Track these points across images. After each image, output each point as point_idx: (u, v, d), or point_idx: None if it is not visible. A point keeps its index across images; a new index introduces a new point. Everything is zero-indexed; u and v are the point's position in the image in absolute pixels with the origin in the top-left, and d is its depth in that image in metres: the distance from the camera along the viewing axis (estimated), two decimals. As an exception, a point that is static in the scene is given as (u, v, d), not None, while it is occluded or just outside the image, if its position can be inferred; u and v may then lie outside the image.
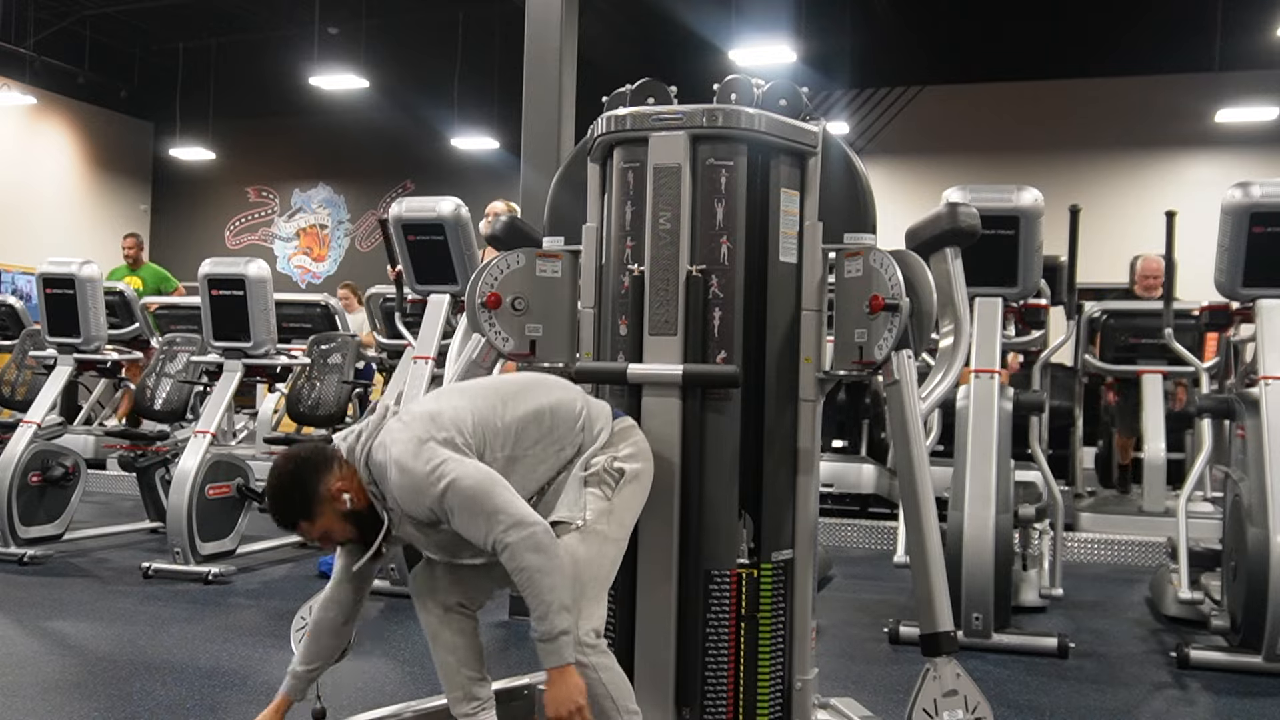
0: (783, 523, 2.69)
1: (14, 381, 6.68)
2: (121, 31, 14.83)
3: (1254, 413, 4.10)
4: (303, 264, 16.40)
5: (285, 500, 2.39)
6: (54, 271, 5.89)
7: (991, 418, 4.29)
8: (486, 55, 12.81)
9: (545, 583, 2.23)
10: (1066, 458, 6.65)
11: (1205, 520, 5.34)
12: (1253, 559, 3.87)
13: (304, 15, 13.12)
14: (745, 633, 2.60)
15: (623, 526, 2.43)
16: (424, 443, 2.31)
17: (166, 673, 3.66)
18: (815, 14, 11.55)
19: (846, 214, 2.73)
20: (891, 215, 3.41)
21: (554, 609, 2.22)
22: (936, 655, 2.57)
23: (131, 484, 6.63)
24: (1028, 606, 4.82)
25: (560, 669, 2.23)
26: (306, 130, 15.94)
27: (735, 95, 2.76)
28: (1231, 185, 4.21)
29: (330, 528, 2.41)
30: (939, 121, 13.43)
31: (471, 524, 2.27)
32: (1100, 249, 9.31)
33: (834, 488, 6.67)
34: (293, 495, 2.38)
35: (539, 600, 2.23)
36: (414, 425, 2.36)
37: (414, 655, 3.97)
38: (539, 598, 2.23)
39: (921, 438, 2.65)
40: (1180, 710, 3.60)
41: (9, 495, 5.48)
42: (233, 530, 5.52)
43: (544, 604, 2.22)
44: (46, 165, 15.21)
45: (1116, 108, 12.79)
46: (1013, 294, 4.53)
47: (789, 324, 2.69)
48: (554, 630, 2.22)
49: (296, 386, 6.00)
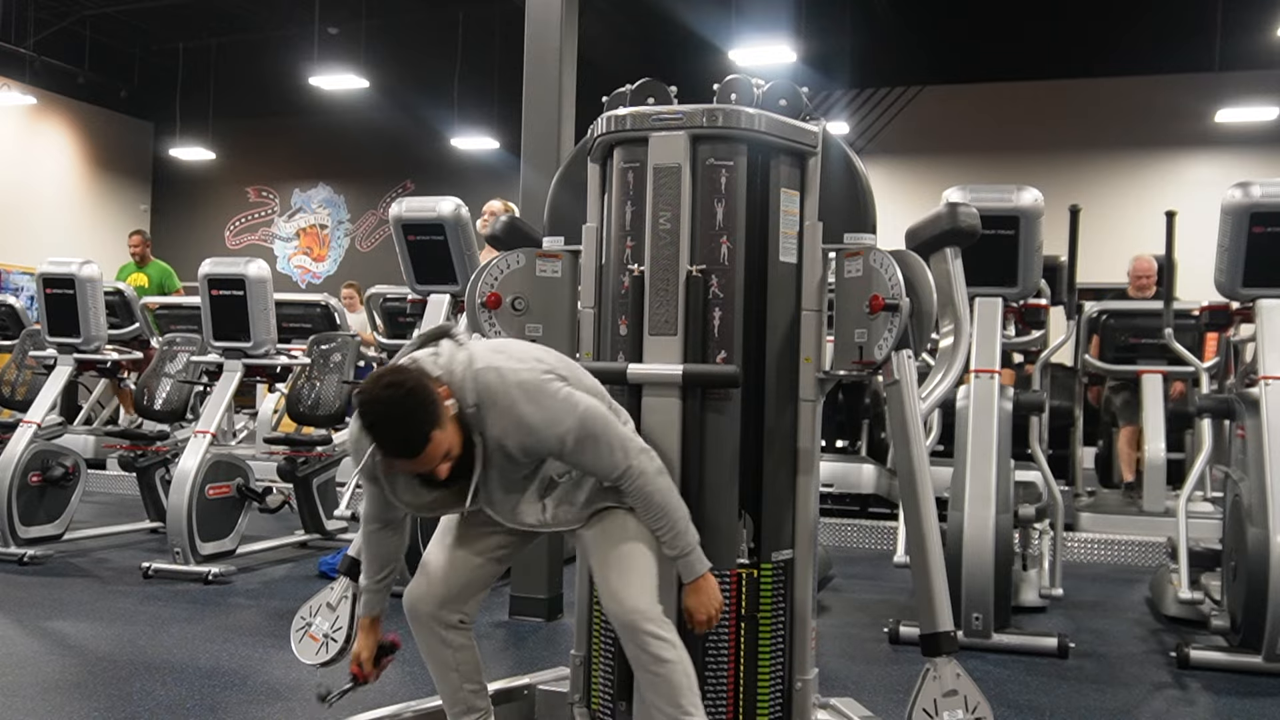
0: (783, 523, 2.69)
1: (14, 381, 6.67)
2: (121, 31, 14.83)
3: (1254, 413, 4.10)
4: (303, 264, 16.40)
5: (418, 411, 2.15)
6: (54, 271, 5.89)
7: (991, 418, 4.29)
8: (486, 55, 12.81)
9: (674, 502, 2.36)
10: (1066, 458, 6.65)
11: (1205, 520, 5.34)
12: (1253, 559, 3.87)
13: (304, 15, 13.13)
14: (745, 633, 2.61)
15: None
16: (546, 373, 2.31)
17: (166, 673, 3.66)
18: (815, 14, 11.56)
19: (846, 214, 2.73)
20: (891, 215, 3.41)
21: (685, 526, 2.37)
22: (936, 655, 2.57)
23: (131, 484, 6.63)
24: (1028, 606, 4.82)
25: (699, 579, 2.39)
26: (306, 130, 15.94)
27: (735, 95, 2.76)
28: (1231, 185, 4.21)
29: (453, 442, 2.23)
30: (939, 121, 13.43)
31: (600, 452, 2.31)
32: (1100, 249, 9.32)
33: (834, 488, 6.67)
34: (423, 405, 2.16)
35: (671, 521, 2.36)
36: (523, 357, 2.34)
37: (414, 655, 3.95)
38: (670, 517, 2.36)
39: (921, 438, 2.65)
40: (1180, 710, 3.60)
41: (9, 495, 5.48)
42: (233, 530, 5.52)
43: (677, 521, 2.36)
44: (46, 165, 15.21)
45: (1117, 108, 12.80)
46: (1013, 294, 4.53)
47: (789, 324, 2.69)
48: (691, 545, 2.38)
49: (296, 386, 6.00)
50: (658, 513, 2.35)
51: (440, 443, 2.19)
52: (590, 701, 2.79)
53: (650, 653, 2.27)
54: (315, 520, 6.05)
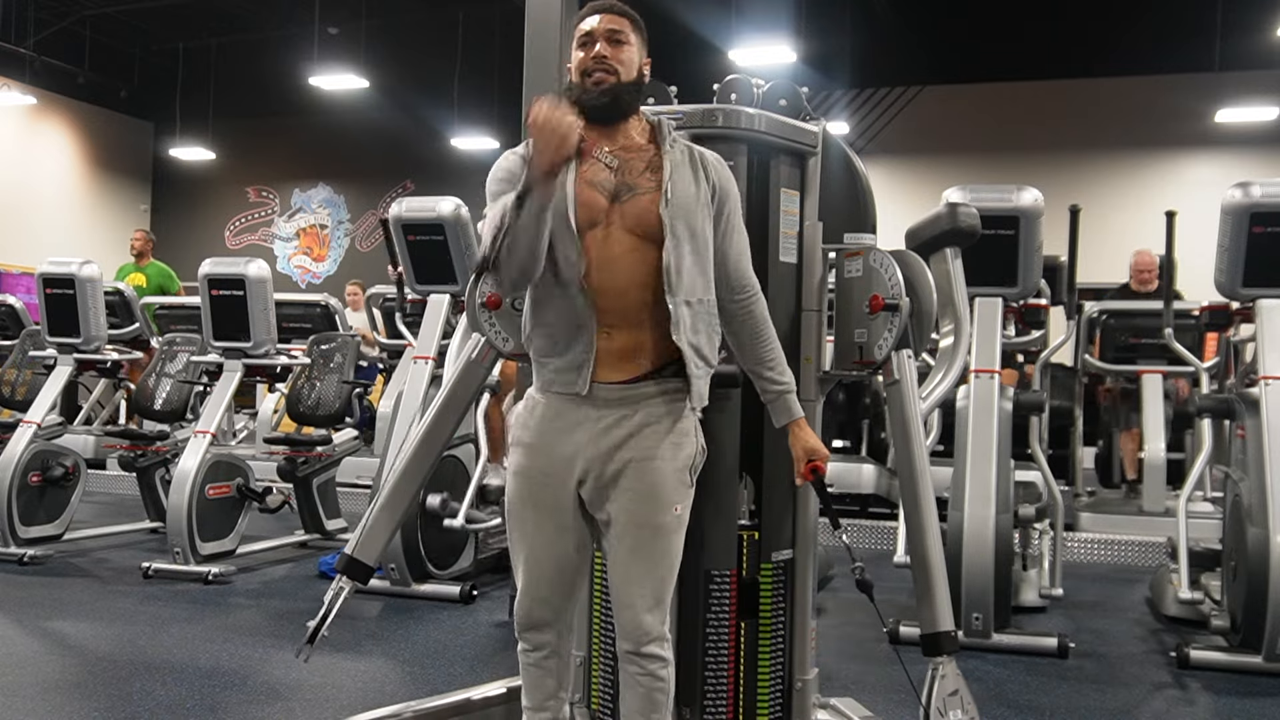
0: (783, 523, 2.69)
1: (14, 381, 6.67)
2: (121, 31, 14.83)
3: (1254, 413, 4.10)
4: (303, 264, 16.40)
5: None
6: (54, 271, 5.89)
7: (991, 418, 4.29)
8: (486, 55, 12.81)
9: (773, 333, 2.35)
10: (1066, 458, 6.64)
11: (1205, 520, 5.34)
12: (1253, 559, 3.87)
13: (304, 15, 13.13)
14: (745, 633, 2.61)
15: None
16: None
17: (166, 673, 3.66)
18: (815, 14, 11.56)
19: (846, 214, 2.73)
20: (891, 215, 3.41)
21: (784, 363, 2.35)
22: (937, 655, 2.58)
23: (131, 484, 6.63)
24: (1028, 606, 4.81)
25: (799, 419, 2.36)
26: (306, 130, 15.94)
27: (735, 95, 2.77)
28: (1231, 185, 4.21)
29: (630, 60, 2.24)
30: (939, 121, 13.42)
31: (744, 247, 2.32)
32: (1100, 249, 9.31)
33: (834, 488, 6.66)
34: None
35: (778, 350, 2.35)
36: None
37: (414, 655, 3.98)
38: (777, 346, 2.35)
39: (921, 438, 2.65)
40: (1180, 710, 3.60)
41: (9, 495, 5.48)
42: (233, 530, 5.52)
43: (779, 356, 2.36)
44: (46, 165, 15.21)
45: (1117, 108, 12.79)
46: (1013, 294, 4.53)
47: (789, 324, 2.69)
48: (791, 384, 2.36)
49: (296, 386, 6.00)
50: (769, 339, 2.33)
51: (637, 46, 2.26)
52: (590, 702, 2.79)
53: (649, 671, 2.22)
54: (315, 520, 6.05)
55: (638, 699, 2.23)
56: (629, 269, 2.18)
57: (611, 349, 2.19)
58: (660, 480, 2.19)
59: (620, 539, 2.21)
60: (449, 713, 2.90)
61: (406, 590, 4.82)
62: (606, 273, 2.17)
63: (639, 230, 2.19)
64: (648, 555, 2.20)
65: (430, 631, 4.31)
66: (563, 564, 2.25)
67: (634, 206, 2.19)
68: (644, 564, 2.20)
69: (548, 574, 2.25)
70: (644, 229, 2.18)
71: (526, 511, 2.26)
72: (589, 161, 2.22)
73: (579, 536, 2.26)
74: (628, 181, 2.21)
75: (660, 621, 2.22)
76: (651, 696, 2.23)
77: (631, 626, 2.20)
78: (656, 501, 2.19)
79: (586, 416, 2.20)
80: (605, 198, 2.20)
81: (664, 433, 2.20)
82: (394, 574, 4.81)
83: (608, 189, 2.20)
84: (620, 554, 2.21)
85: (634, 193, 2.20)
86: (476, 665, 3.84)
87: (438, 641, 4.16)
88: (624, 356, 2.19)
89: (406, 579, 4.82)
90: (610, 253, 2.18)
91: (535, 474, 2.25)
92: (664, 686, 2.24)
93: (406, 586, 4.82)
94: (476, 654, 4.00)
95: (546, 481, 2.24)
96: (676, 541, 2.24)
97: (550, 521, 2.24)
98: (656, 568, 2.21)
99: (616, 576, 2.23)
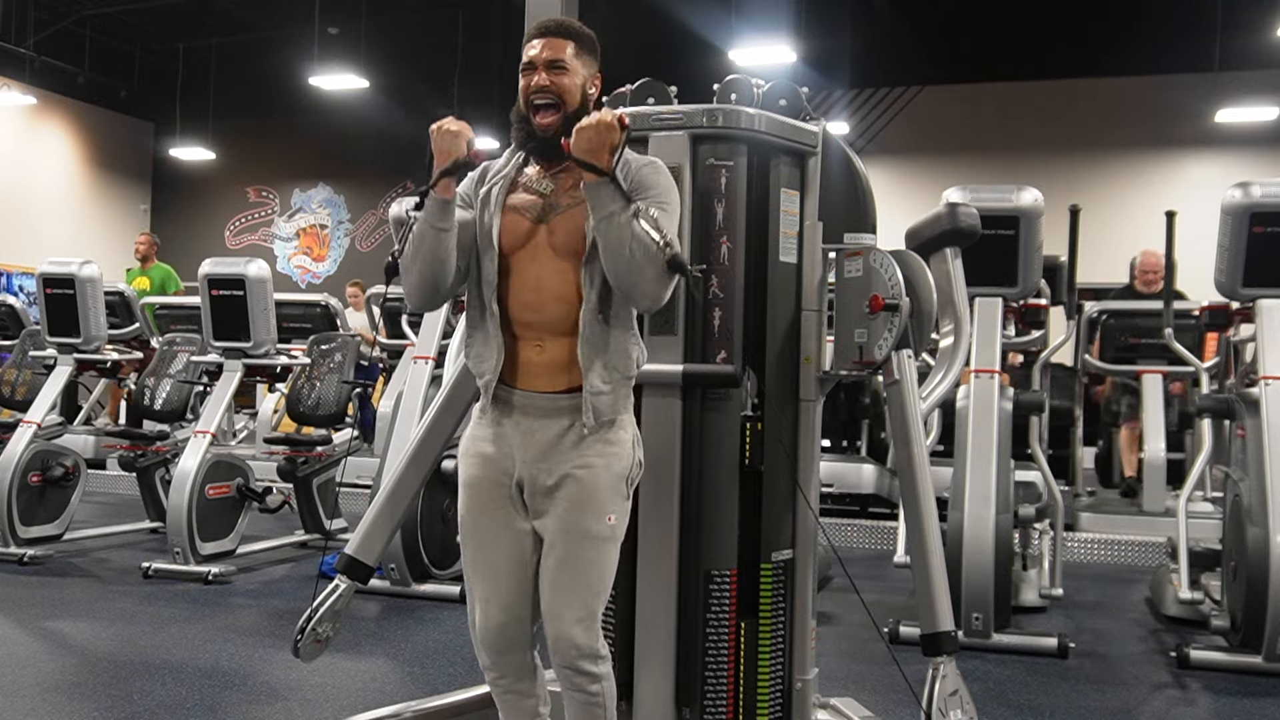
0: (783, 523, 2.69)
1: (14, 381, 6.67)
2: (121, 31, 14.83)
3: (1254, 413, 4.11)
4: (303, 264, 16.40)
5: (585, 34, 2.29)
6: (54, 271, 5.89)
7: (991, 418, 4.29)
8: (486, 55, 12.81)
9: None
10: (1066, 458, 6.65)
11: (1205, 520, 5.34)
12: (1253, 559, 3.87)
13: (304, 15, 13.12)
14: (745, 633, 2.61)
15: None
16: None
17: (166, 673, 3.66)
18: (815, 14, 11.55)
19: (846, 214, 2.73)
20: (891, 215, 3.41)
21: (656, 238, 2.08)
22: (937, 655, 2.58)
23: (131, 484, 6.63)
24: (1028, 606, 4.82)
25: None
26: (306, 130, 15.93)
27: (735, 95, 2.77)
28: (1231, 185, 4.21)
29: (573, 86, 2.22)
30: (939, 121, 13.43)
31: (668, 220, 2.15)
32: (1100, 249, 9.31)
33: (834, 488, 6.67)
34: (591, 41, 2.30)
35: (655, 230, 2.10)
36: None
37: (414, 655, 3.98)
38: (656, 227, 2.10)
39: (921, 438, 2.65)
40: (1180, 710, 3.60)
41: (9, 495, 5.48)
42: (233, 530, 5.52)
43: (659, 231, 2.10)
44: (46, 165, 15.21)
45: (1117, 108, 12.79)
46: (1013, 294, 4.53)
47: (789, 324, 2.69)
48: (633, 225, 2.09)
49: (296, 386, 6.00)
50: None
51: (578, 71, 2.24)
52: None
53: (579, 687, 2.21)
54: (315, 520, 6.04)
55: (575, 713, 2.25)
56: (553, 285, 2.23)
57: (543, 361, 2.23)
58: (594, 488, 2.19)
59: (551, 549, 2.22)
60: (449, 713, 2.90)
61: (406, 590, 4.82)
62: (533, 291, 2.23)
63: (566, 247, 2.23)
64: (576, 564, 2.19)
65: (430, 631, 4.31)
66: (524, 564, 2.26)
67: (563, 223, 2.23)
68: (572, 573, 2.19)
69: (513, 577, 2.26)
70: (571, 245, 2.22)
71: (481, 520, 2.28)
72: (519, 190, 2.29)
73: (534, 539, 2.26)
74: (556, 201, 2.25)
75: (592, 636, 2.20)
76: (589, 711, 2.23)
77: (561, 641, 2.19)
78: (588, 508, 2.19)
79: (519, 427, 2.24)
80: (530, 220, 2.25)
81: (598, 443, 2.21)
82: (394, 574, 4.81)
83: (533, 212, 2.25)
84: (550, 563, 2.22)
85: (559, 210, 2.24)
86: (476, 665, 3.81)
87: (438, 641, 4.16)
88: (557, 369, 2.23)
89: (406, 579, 4.82)
90: (536, 271, 2.23)
91: (484, 483, 2.28)
92: (599, 701, 2.22)
93: (406, 586, 4.82)
94: (476, 654, 3.99)
95: (495, 491, 2.26)
96: (608, 552, 2.22)
97: (504, 529, 2.26)
98: (585, 576, 2.19)
99: (545, 586, 2.22)
